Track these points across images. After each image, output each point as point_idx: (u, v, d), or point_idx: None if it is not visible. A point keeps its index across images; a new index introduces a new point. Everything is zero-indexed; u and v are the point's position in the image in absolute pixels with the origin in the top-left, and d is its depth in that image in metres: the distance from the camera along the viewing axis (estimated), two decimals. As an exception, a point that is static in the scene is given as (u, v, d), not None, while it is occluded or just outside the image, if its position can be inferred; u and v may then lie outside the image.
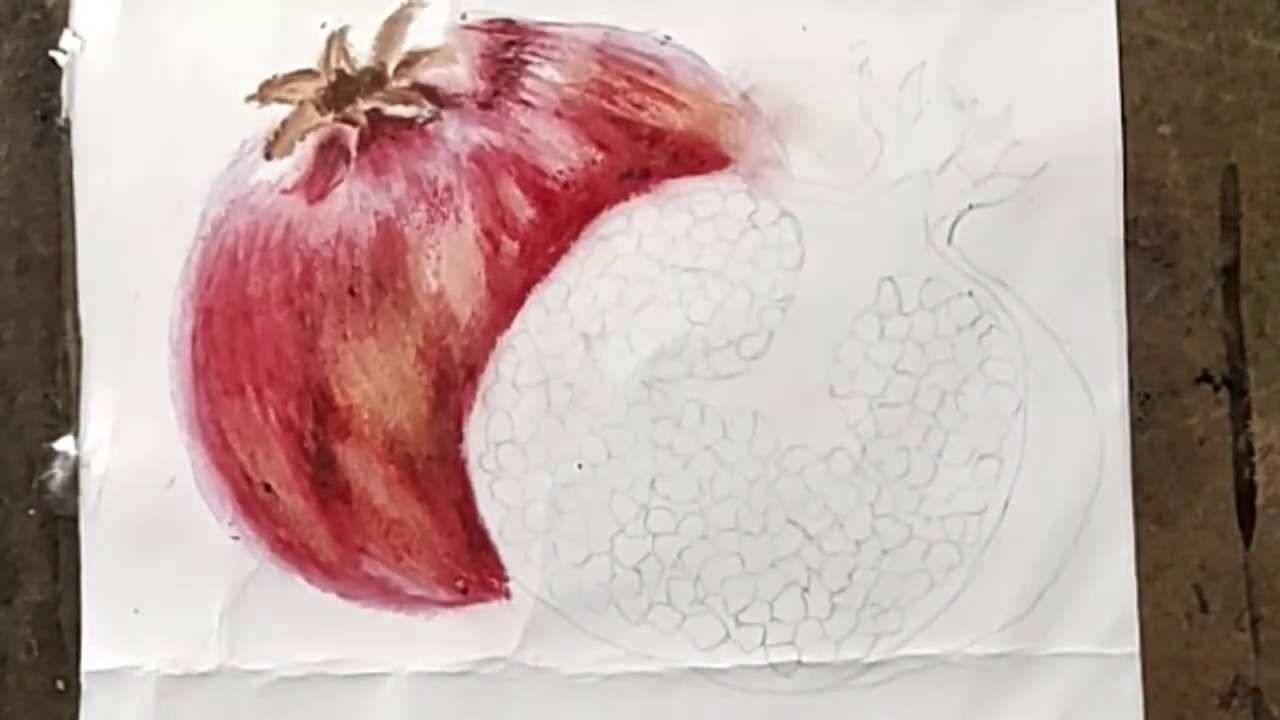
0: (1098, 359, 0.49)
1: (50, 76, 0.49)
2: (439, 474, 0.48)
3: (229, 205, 0.49)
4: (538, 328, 0.48)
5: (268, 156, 0.49)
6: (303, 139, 0.49)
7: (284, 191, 0.49)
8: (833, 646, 0.48)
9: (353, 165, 0.49)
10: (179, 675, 0.48)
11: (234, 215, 0.49)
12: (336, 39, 0.49)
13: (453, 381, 0.48)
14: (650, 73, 0.49)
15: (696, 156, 0.49)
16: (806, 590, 0.48)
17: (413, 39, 0.49)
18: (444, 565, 0.48)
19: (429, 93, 0.49)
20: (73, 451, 0.48)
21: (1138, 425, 0.49)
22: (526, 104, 0.49)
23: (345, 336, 0.48)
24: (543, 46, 0.49)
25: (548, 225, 0.48)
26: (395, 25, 0.49)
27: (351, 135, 0.49)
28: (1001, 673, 0.48)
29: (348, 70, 0.49)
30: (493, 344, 0.48)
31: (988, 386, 0.49)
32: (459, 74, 0.49)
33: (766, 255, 0.49)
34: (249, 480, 0.48)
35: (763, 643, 0.49)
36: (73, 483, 0.48)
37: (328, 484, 0.48)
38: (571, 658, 0.48)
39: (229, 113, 0.49)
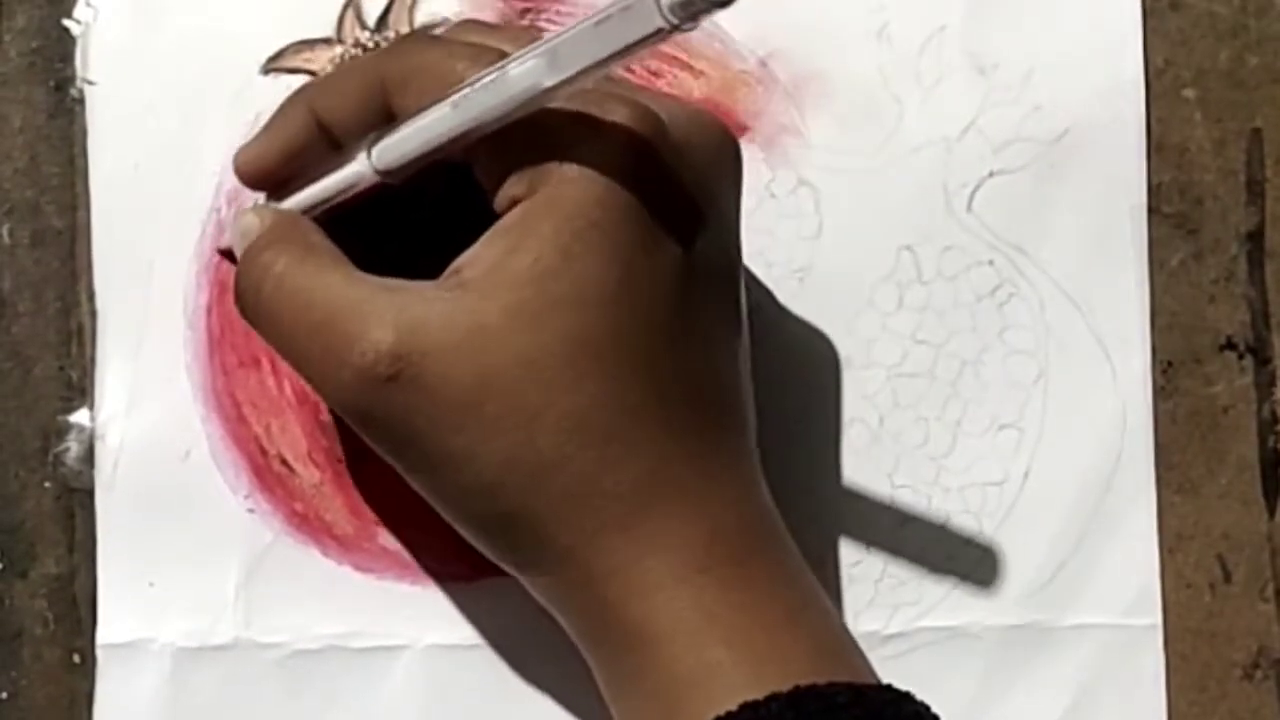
0: (1120, 327, 0.48)
1: (64, 47, 0.48)
2: (455, 445, 0.48)
3: (243, 176, 0.48)
4: (553, 298, 0.48)
5: (282, 127, 0.48)
6: (317, 109, 0.48)
7: (298, 162, 0.48)
8: (850, 618, 0.48)
9: (367, 135, 0.48)
10: (194, 648, 0.48)
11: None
12: (351, 8, 0.49)
13: (468, 353, 0.48)
14: (667, 40, 0.48)
15: (714, 124, 0.48)
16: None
17: (427, 7, 0.49)
18: (459, 538, 0.48)
19: (444, 61, 0.48)
20: (88, 424, 0.48)
21: (1160, 393, 0.48)
22: (542, 72, 0.48)
23: (360, 307, 0.48)
24: (559, 13, 0.48)
25: (564, 194, 0.48)
26: (410, -7, 0.49)
27: (366, 105, 0.48)
28: (1021, 644, 0.48)
29: (363, 40, 0.49)
30: (508, 315, 0.48)
31: (1008, 355, 0.48)
32: (474, 42, 0.48)
33: (784, 225, 0.48)
34: (265, 453, 0.48)
35: (780, 614, 0.48)
36: (88, 455, 0.48)
37: (343, 457, 0.48)
38: (588, 629, 0.48)
39: (243, 84, 0.48)
